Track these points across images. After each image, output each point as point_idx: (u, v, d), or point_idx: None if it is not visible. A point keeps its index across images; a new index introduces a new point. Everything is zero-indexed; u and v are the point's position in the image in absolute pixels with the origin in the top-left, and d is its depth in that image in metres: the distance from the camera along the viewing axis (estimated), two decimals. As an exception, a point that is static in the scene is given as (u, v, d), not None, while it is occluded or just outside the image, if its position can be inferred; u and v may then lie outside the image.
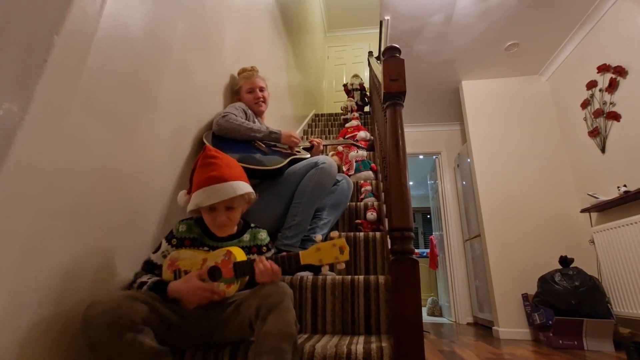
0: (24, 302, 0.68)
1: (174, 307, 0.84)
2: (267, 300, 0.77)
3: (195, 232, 0.96)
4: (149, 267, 0.93)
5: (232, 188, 0.91)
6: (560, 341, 2.20)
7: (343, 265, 0.88)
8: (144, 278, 0.88)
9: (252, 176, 1.45)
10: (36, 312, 0.70)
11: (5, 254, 0.63)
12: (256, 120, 1.61)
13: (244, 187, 0.94)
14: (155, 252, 0.95)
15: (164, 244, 0.95)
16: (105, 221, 0.89)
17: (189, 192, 0.98)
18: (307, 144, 1.74)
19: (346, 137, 3.03)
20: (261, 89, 1.68)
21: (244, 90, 1.67)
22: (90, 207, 0.84)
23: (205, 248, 0.95)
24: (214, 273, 0.88)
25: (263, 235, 1.03)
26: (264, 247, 1.01)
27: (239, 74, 1.74)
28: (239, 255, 0.90)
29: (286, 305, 0.78)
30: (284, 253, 0.93)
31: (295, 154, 1.57)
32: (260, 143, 1.51)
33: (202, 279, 0.86)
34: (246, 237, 1.00)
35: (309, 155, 1.61)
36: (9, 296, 0.64)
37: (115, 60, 0.90)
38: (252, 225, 1.04)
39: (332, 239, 0.88)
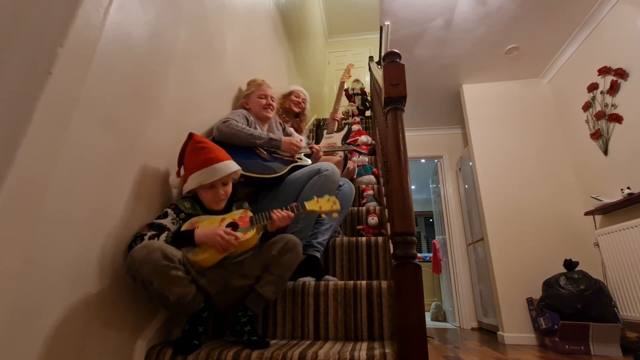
0: (26, 309, 0.68)
1: (195, 266, 0.99)
2: (287, 245, 1.08)
3: (197, 210, 1.11)
4: (157, 228, 0.98)
5: (227, 166, 1.11)
6: (567, 346, 2.17)
7: (336, 215, 1.18)
8: (153, 233, 0.95)
9: (253, 184, 1.46)
10: (38, 320, 0.70)
11: (8, 262, 0.63)
12: (258, 127, 1.62)
13: (233, 165, 1.14)
14: (161, 218, 1.02)
15: (172, 213, 1.04)
16: (110, 229, 0.90)
17: (181, 175, 1.12)
18: (308, 150, 1.74)
19: (348, 141, 3.03)
20: (272, 98, 1.74)
21: (255, 94, 1.71)
22: (95, 214, 0.84)
23: None
24: (231, 227, 1.06)
25: (246, 206, 1.23)
26: (268, 213, 1.19)
27: (249, 83, 1.81)
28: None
29: (300, 250, 1.12)
30: (294, 203, 1.14)
31: (297, 161, 1.57)
32: (261, 150, 1.51)
33: None
34: (233, 208, 1.19)
35: (309, 162, 1.62)
36: (12, 304, 0.64)
37: (119, 68, 0.91)
38: (235, 199, 1.22)
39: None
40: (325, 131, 2.51)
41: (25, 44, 0.69)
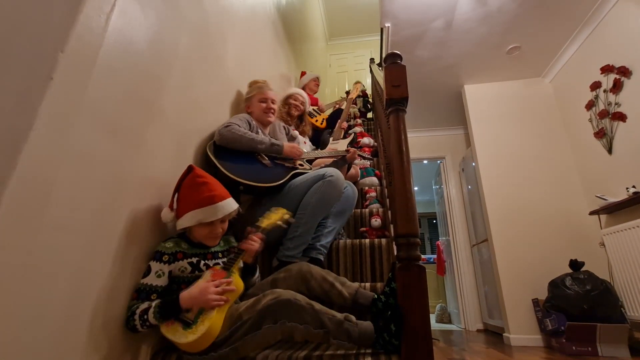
0: (28, 315, 0.68)
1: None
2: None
3: (182, 247, 1.05)
4: (145, 294, 0.93)
5: (230, 205, 1.08)
6: (574, 347, 2.15)
7: (290, 219, 1.25)
8: (144, 305, 0.90)
9: (251, 192, 1.46)
10: (40, 326, 0.70)
11: (11, 267, 0.64)
12: (260, 131, 1.62)
13: (233, 203, 1.10)
14: (145, 276, 0.96)
15: (155, 265, 0.98)
16: (113, 233, 0.90)
17: (176, 210, 1.06)
18: (311, 156, 1.74)
19: (352, 145, 3.04)
20: (272, 101, 1.70)
21: (256, 98, 1.69)
22: (98, 219, 0.84)
23: (196, 259, 1.04)
24: None
25: (232, 239, 1.22)
26: (236, 248, 1.15)
27: (251, 84, 1.77)
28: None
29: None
30: (249, 227, 1.14)
31: (298, 167, 1.57)
32: (262, 155, 1.51)
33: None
34: (221, 242, 1.16)
35: (310, 169, 1.62)
36: (14, 308, 0.65)
37: (121, 73, 0.91)
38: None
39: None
40: (331, 138, 2.52)
41: (26, 50, 0.69)
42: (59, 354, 0.74)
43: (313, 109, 2.78)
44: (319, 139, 2.61)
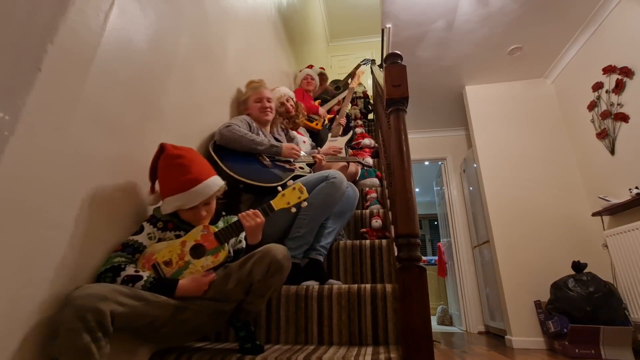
0: (27, 312, 0.67)
1: (172, 301, 0.87)
2: (272, 267, 0.93)
3: (174, 219, 0.99)
4: (131, 249, 0.89)
5: (209, 187, 0.97)
6: (577, 350, 2.13)
7: (305, 204, 1.08)
8: (130, 270, 0.84)
9: (251, 191, 1.46)
10: (34, 320, 0.69)
11: (3, 266, 0.63)
12: (260, 133, 1.62)
13: (217, 182, 1.00)
14: (136, 234, 0.92)
15: (148, 227, 0.95)
16: (109, 233, 0.89)
17: (159, 192, 0.99)
18: (310, 159, 1.74)
19: (352, 144, 3.03)
20: (268, 100, 1.70)
21: (251, 99, 1.69)
22: (94, 219, 0.84)
23: (184, 233, 0.97)
24: (197, 250, 0.94)
25: (235, 219, 1.08)
26: (239, 223, 1.10)
27: (247, 85, 1.77)
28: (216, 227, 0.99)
29: (287, 264, 0.98)
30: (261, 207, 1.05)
31: (298, 170, 1.57)
32: (264, 156, 1.51)
33: (187, 261, 0.93)
34: (220, 224, 1.06)
35: (310, 172, 1.62)
36: (8, 304, 0.64)
37: (120, 72, 0.91)
38: (223, 213, 1.11)
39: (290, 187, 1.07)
40: (329, 134, 2.51)
41: (11, 39, 0.65)
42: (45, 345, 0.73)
43: (311, 116, 2.74)
44: (317, 139, 2.60)
